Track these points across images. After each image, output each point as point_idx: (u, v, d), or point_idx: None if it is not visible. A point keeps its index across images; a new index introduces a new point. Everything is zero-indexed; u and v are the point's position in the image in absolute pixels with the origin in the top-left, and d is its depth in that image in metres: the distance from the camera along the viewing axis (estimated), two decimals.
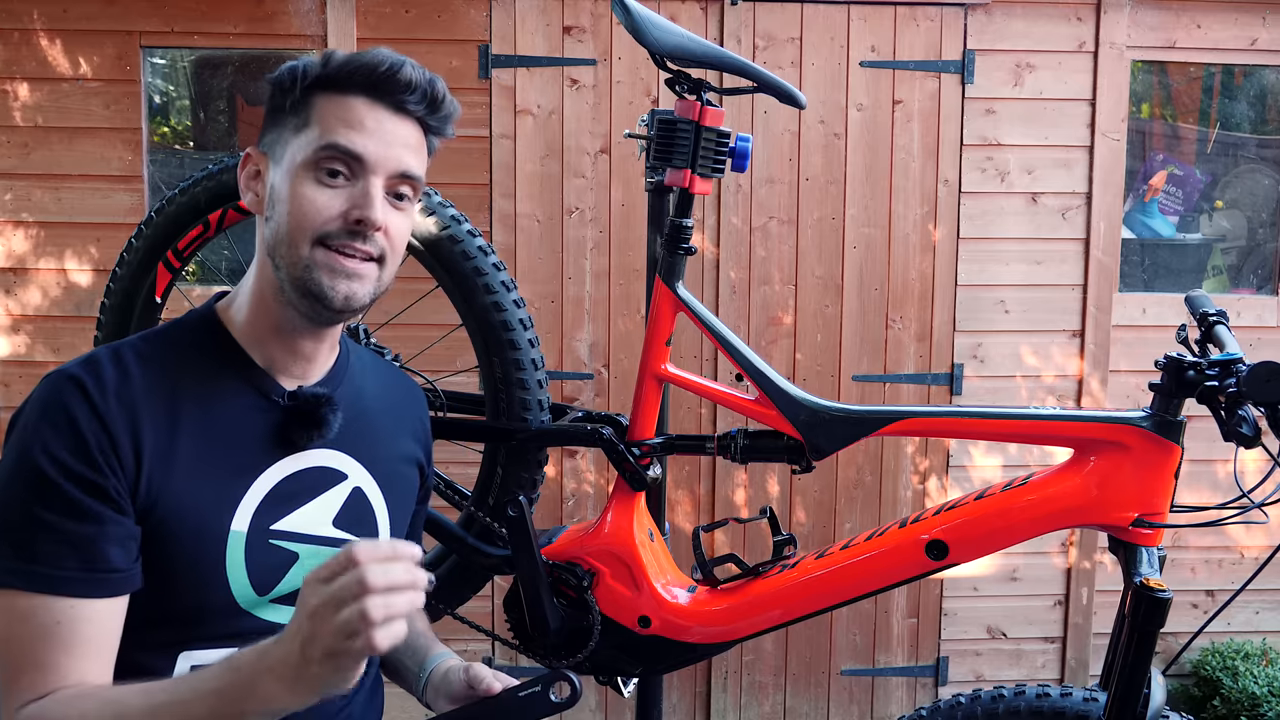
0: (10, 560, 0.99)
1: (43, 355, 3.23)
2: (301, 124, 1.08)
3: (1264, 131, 3.57)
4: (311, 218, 1.06)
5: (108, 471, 1.01)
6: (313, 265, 1.06)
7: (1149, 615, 1.26)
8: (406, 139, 1.10)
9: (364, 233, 1.07)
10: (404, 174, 1.09)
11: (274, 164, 1.10)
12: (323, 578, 0.88)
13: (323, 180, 1.06)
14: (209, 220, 1.62)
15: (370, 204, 1.06)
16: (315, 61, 1.09)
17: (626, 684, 1.57)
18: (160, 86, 3.39)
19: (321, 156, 1.06)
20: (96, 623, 1.01)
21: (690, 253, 1.48)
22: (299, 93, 1.08)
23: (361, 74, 1.07)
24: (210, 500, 1.07)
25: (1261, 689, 3.17)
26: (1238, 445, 1.24)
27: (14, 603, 0.99)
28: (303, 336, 1.14)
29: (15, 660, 0.99)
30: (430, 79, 1.11)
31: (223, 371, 1.11)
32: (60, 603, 0.99)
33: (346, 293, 1.07)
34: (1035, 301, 3.38)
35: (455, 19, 3.20)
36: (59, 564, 0.99)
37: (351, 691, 1.22)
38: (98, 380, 1.04)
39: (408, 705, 1.41)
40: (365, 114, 1.07)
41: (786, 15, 3.24)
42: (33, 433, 1.01)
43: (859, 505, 3.40)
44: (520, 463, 1.59)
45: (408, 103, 1.09)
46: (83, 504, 1.00)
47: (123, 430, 1.02)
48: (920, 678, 3.49)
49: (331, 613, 0.86)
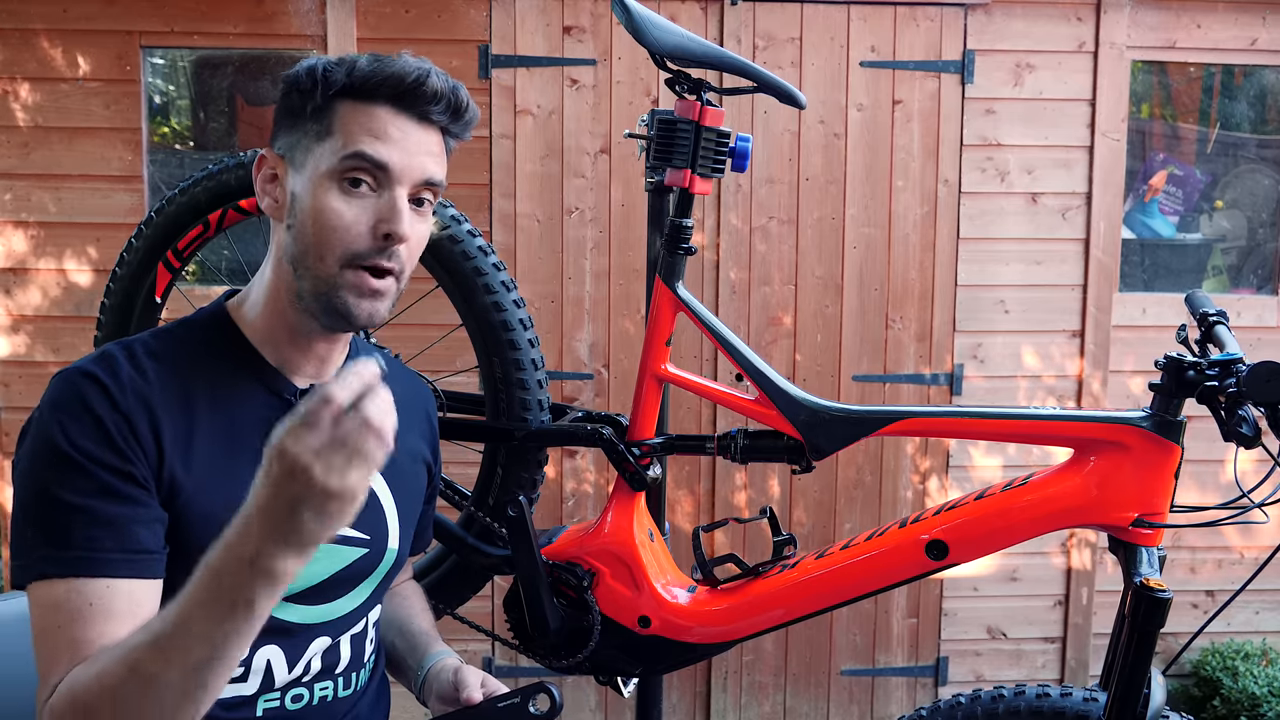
0: (43, 548, 0.98)
1: (43, 355, 3.23)
2: (324, 131, 1.07)
3: (1264, 131, 3.57)
4: (340, 234, 1.06)
5: (133, 458, 1.01)
6: (340, 285, 1.07)
7: (1149, 615, 1.26)
8: (429, 147, 1.11)
9: (390, 248, 1.08)
10: (427, 181, 1.10)
11: (294, 170, 1.09)
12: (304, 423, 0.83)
13: (347, 190, 1.06)
14: (209, 220, 1.62)
15: (398, 217, 1.07)
16: (337, 67, 1.08)
17: (626, 684, 1.57)
18: (160, 86, 3.39)
19: (346, 166, 1.06)
20: (133, 601, 1.00)
21: (690, 253, 1.48)
22: (320, 98, 1.08)
23: (389, 84, 1.07)
24: (224, 495, 1.06)
25: (1261, 689, 3.17)
26: (1238, 445, 1.24)
27: (50, 591, 0.98)
28: (318, 340, 1.15)
29: (51, 647, 0.98)
30: (454, 87, 1.11)
31: (235, 370, 1.12)
32: (95, 584, 0.98)
33: (370, 311, 1.09)
34: (1035, 301, 3.38)
35: (455, 19, 3.20)
36: (92, 546, 0.98)
37: (359, 693, 1.22)
38: (113, 374, 1.04)
39: (409, 705, 1.41)
40: (390, 124, 1.07)
41: (786, 15, 3.24)
42: (52, 426, 1.01)
43: (859, 505, 3.40)
44: (520, 463, 1.59)
45: (432, 113, 1.10)
46: (113, 486, 0.99)
47: (142, 421, 1.03)
48: (920, 678, 3.49)
49: (331, 452, 0.83)
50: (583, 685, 3.38)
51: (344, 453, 0.83)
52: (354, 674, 1.21)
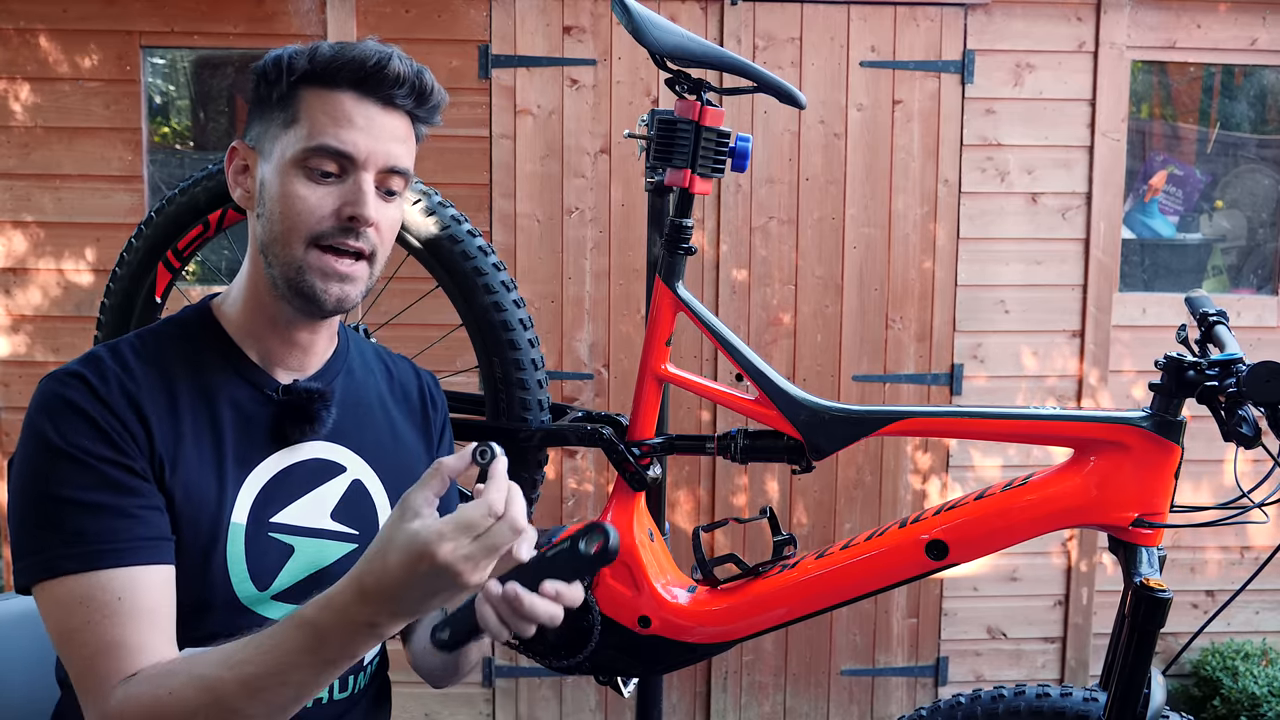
0: (58, 546, 0.98)
1: (43, 355, 3.23)
2: (289, 119, 1.07)
3: (1264, 131, 3.57)
4: (304, 217, 1.06)
5: (129, 451, 1.02)
6: (305, 267, 1.07)
7: (1149, 615, 1.26)
8: (395, 132, 1.10)
9: (356, 229, 1.07)
10: (393, 169, 1.10)
11: (262, 159, 1.10)
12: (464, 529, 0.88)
13: (313, 177, 1.06)
14: (209, 220, 1.62)
15: (363, 201, 1.07)
16: (301, 54, 1.08)
17: (626, 684, 1.57)
18: (160, 86, 3.39)
19: (311, 155, 1.06)
20: (156, 591, 1.00)
21: (690, 253, 1.48)
22: (285, 86, 1.08)
23: (350, 69, 1.06)
24: (211, 493, 1.07)
25: (1261, 689, 3.17)
26: (1238, 445, 1.24)
27: (71, 589, 0.98)
28: (299, 329, 1.15)
29: (86, 647, 0.97)
30: (418, 70, 1.10)
31: (218, 366, 1.12)
32: (118, 575, 0.98)
33: (339, 295, 1.09)
34: (1035, 301, 3.38)
35: (455, 19, 3.20)
36: (108, 537, 0.99)
37: (355, 696, 1.22)
38: (100, 374, 1.05)
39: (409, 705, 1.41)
40: (354, 109, 1.07)
41: (786, 15, 3.24)
42: (46, 428, 1.01)
43: (859, 505, 3.40)
44: (520, 463, 1.59)
45: (396, 97, 1.09)
46: (115, 478, 1.00)
47: (131, 418, 1.03)
48: (920, 678, 3.49)
49: (483, 556, 0.89)
50: (583, 685, 3.37)
51: (492, 555, 0.89)
52: (350, 676, 1.20)
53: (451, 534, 0.87)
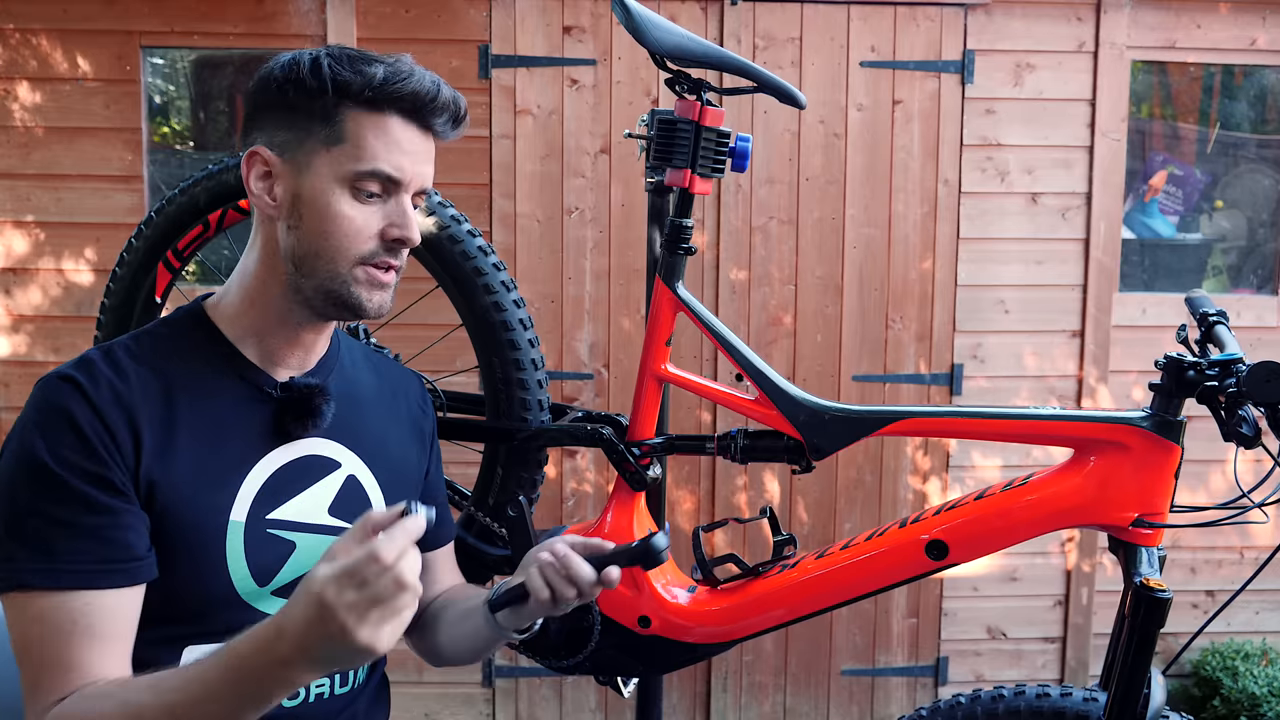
0: (27, 561, 1.00)
1: (43, 355, 3.23)
2: (333, 137, 1.08)
3: (1264, 131, 3.57)
4: (353, 238, 1.09)
5: (111, 464, 1.02)
6: (352, 282, 1.11)
7: (1149, 615, 1.26)
8: (429, 154, 1.14)
9: (399, 250, 1.12)
10: (424, 190, 1.14)
11: (294, 171, 1.09)
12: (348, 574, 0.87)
13: (359, 199, 1.09)
14: (209, 220, 1.62)
15: (409, 224, 1.11)
16: (348, 72, 1.07)
17: (626, 684, 1.57)
18: (160, 86, 3.39)
19: (363, 179, 1.08)
20: (115, 615, 1.02)
21: (690, 253, 1.48)
22: (330, 104, 1.08)
23: (407, 100, 1.09)
24: (209, 492, 1.08)
25: (1261, 689, 3.17)
26: (1238, 445, 1.25)
27: (32, 603, 1.00)
28: (306, 330, 1.17)
29: (36, 661, 1.00)
30: (457, 99, 1.14)
31: (214, 366, 1.13)
32: (79, 598, 1.00)
33: (380, 302, 1.13)
34: (1035, 301, 3.38)
35: (455, 19, 3.20)
36: (76, 559, 1.00)
37: (356, 691, 1.22)
38: (92, 378, 1.05)
39: (409, 705, 1.41)
40: (402, 135, 1.10)
41: (786, 15, 3.24)
42: (33, 434, 1.02)
43: (859, 505, 3.40)
44: (520, 463, 1.59)
45: (437, 124, 1.12)
46: (92, 497, 1.01)
47: (121, 424, 1.04)
48: (920, 678, 3.49)
49: (367, 608, 0.87)
50: (583, 685, 3.38)
51: (379, 610, 0.87)
52: (350, 671, 1.21)
53: (337, 578, 0.87)
